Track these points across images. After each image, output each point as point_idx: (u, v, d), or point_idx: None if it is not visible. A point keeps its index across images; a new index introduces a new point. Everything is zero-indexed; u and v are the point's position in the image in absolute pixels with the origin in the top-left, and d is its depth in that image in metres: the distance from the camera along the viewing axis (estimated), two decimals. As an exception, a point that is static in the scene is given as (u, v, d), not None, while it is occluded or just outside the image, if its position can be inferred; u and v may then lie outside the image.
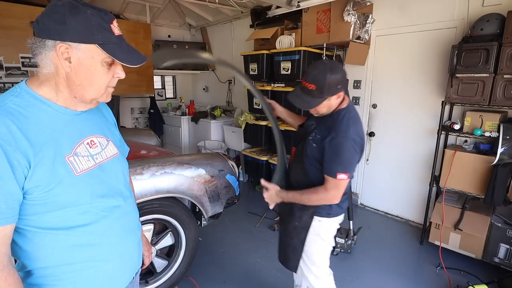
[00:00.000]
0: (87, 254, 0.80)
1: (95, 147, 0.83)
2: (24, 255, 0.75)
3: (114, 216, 0.84)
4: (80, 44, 0.70)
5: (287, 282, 2.19)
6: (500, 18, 2.18)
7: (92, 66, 0.73)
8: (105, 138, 0.88)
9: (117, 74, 0.79)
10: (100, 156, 0.83)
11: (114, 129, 0.99)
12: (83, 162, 0.77)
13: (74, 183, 0.74)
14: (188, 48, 5.18)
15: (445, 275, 2.30)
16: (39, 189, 0.69)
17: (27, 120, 0.69)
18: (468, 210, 2.43)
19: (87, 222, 0.78)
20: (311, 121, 1.45)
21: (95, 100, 0.80)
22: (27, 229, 0.73)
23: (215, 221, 2.21)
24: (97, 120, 0.89)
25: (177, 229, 1.97)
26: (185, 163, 1.94)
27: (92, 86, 0.75)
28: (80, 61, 0.71)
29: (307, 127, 1.45)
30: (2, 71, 3.53)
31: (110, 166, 0.86)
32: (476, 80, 2.26)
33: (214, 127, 4.60)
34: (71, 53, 0.70)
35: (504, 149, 2.14)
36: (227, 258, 2.51)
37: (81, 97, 0.77)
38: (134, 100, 5.29)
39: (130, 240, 0.92)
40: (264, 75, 3.66)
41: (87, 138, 0.81)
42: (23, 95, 0.72)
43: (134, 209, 0.97)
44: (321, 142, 1.30)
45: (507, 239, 2.23)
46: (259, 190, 4.04)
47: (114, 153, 0.90)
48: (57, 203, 0.72)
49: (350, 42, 2.95)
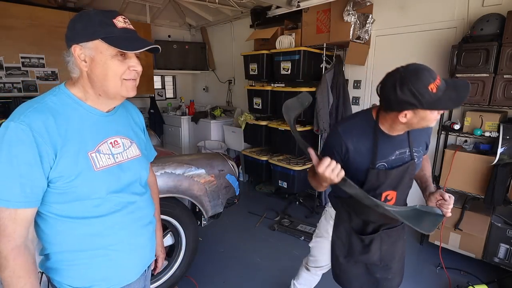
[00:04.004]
0: (99, 243, 0.86)
1: (117, 147, 0.89)
2: (45, 238, 0.83)
3: (126, 210, 0.90)
4: (87, 43, 0.77)
5: (287, 282, 2.20)
6: (500, 18, 2.18)
7: (102, 61, 0.78)
8: (129, 140, 0.94)
9: (133, 67, 0.82)
10: (121, 155, 0.90)
11: (141, 133, 1.05)
12: (103, 159, 0.84)
13: (93, 177, 0.81)
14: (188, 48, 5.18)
15: (445, 275, 2.30)
16: (62, 179, 0.77)
17: (60, 116, 0.78)
18: (468, 210, 2.43)
19: (100, 214, 0.84)
20: (397, 152, 1.17)
21: (119, 94, 0.84)
22: (49, 215, 0.81)
23: (215, 221, 2.21)
24: (124, 123, 0.96)
25: (177, 229, 1.97)
26: (185, 163, 1.94)
27: (106, 80, 0.80)
28: (92, 59, 0.78)
29: (399, 161, 1.17)
30: (2, 71, 3.52)
31: (129, 165, 0.91)
32: (476, 80, 2.26)
33: (214, 127, 4.60)
34: (84, 53, 0.78)
35: (504, 149, 2.14)
36: (227, 258, 2.51)
37: (104, 93, 0.83)
38: (134, 100, 5.27)
39: (142, 234, 0.97)
40: (264, 75, 3.66)
41: (111, 138, 0.88)
42: (60, 94, 0.82)
43: (149, 205, 1.01)
44: (424, 147, 1.27)
45: (507, 239, 2.23)
46: (259, 190, 4.05)
47: (136, 154, 0.95)
48: (75, 194, 0.80)
49: (350, 42, 2.95)
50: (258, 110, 3.84)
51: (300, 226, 3.03)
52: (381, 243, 1.28)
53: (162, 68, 5.05)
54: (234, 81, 4.95)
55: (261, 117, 3.90)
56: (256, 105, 3.83)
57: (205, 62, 5.38)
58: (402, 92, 0.97)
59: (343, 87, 3.18)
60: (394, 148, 1.15)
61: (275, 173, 3.52)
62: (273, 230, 2.97)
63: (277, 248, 2.69)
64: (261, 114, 3.90)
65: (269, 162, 3.61)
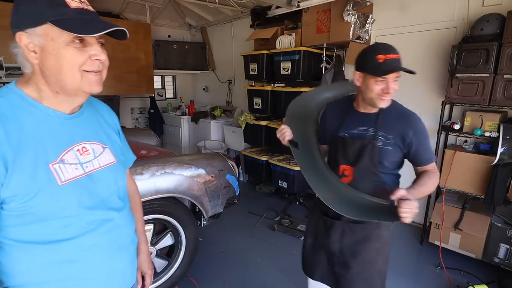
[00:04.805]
0: (68, 272, 0.72)
1: (86, 154, 0.75)
2: (1, 269, 0.69)
3: (102, 230, 0.76)
4: (35, 29, 0.63)
5: (287, 282, 2.20)
6: (500, 18, 2.18)
7: (55, 50, 0.64)
8: (101, 145, 0.80)
9: (95, 56, 0.68)
10: (92, 164, 0.75)
11: (116, 137, 0.90)
12: (69, 171, 0.70)
13: (57, 193, 0.67)
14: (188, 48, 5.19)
15: (445, 275, 2.29)
16: (17, 198, 0.63)
17: (10, 122, 0.64)
18: (468, 210, 2.43)
19: (70, 236, 0.70)
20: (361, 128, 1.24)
21: (80, 90, 0.70)
22: (4, 241, 0.67)
23: (215, 221, 2.21)
24: (94, 125, 0.81)
25: (177, 229, 1.97)
26: (185, 163, 1.94)
27: (62, 73, 0.65)
28: (42, 48, 0.64)
29: (360, 137, 1.23)
30: (2, 71, 3.52)
31: (102, 175, 0.77)
32: (476, 80, 2.26)
33: (214, 127, 4.60)
34: (33, 42, 0.64)
35: (504, 149, 2.14)
36: (227, 258, 2.51)
37: (61, 90, 0.69)
38: (134, 100, 5.29)
39: (120, 256, 0.83)
40: (264, 75, 3.66)
41: (79, 144, 0.74)
42: (9, 95, 0.68)
43: (128, 222, 0.87)
44: (399, 140, 1.18)
45: (507, 239, 2.23)
46: (259, 190, 4.04)
47: (110, 161, 0.81)
48: (37, 215, 0.66)
49: (350, 42, 2.95)
50: (258, 110, 3.84)
51: (300, 226, 3.03)
52: (342, 234, 1.29)
53: (162, 68, 5.04)
54: (234, 81, 4.95)
55: (261, 117, 3.90)
56: (256, 105, 3.83)
57: (205, 62, 5.38)
58: (359, 55, 1.20)
59: (343, 87, 3.18)
60: (359, 124, 1.24)
61: (275, 173, 3.52)
62: (273, 230, 2.97)
63: (277, 248, 2.69)
64: (261, 114, 3.90)
65: (269, 162, 3.61)
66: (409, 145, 1.17)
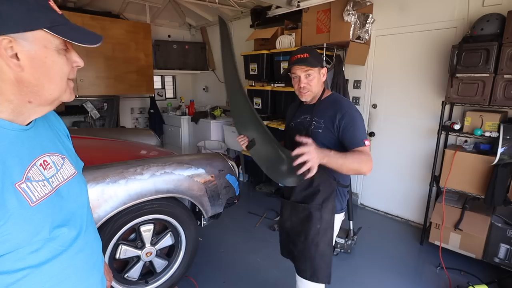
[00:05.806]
0: None
1: (49, 168, 0.66)
2: None
3: (75, 249, 0.68)
4: (25, 34, 0.55)
5: (287, 282, 2.19)
6: (500, 18, 2.18)
7: (48, 58, 0.58)
8: (60, 155, 0.72)
9: (76, 63, 0.64)
10: (56, 178, 0.67)
11: (68, 143, 0.82)
12: (38, 189, 0.61)
13: (30, 216, 0.58)
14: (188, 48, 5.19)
15: (445, 275, 2.29)
16: None
17: None
18: (468, 210, 2.43)
19: (40, 262, 0.61)
20: (302, 117, 1.45)
21: (58, 100, 0.64)
22: None
23: (215, 221, 2.21)
24: (49, 135, 0.72)
25: (177, 229, 1.97)
26: (185, 163, 1.94)
27: (52, 82, 0.60)
28: (31, 55, 0.56)
29: (300, 124, 1.44)
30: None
31: (68, 189, 0.70)
32: (476, 80, 2.26)
33: (214, 127, 4.60)
34: (16, 47, 0.55)
35: (504, 149, 2.14)
36: (227, 258, 2.51)
37: (38, 100, 0.61)
38: (134, 100, 5.29)
39: (93, 276, 0.76)
40: (264, 75, 3.66)
41: (39, 158, 0.65)
42: None
43: (97, 238, 0.81)
44: (329, 123, 1.33)
45: (507, 239, 2.23)
46: (259, 190, 4.04)
47: (72, 173, 0.74)
48: (9, 243, 0.56)
49: (350, 42, 2.95)
50: (258, 110, 3.84)
51: (300, 226, 3.03)
52: (291, 213, 1.47)
53: (162, 68, 5.05)
54: (234, 81, 4.94)
55: (261, 117, 3.89)
56: (256, 105, 3.83)
57: (205, 62, 5.38)
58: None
59: (343, 87, 3.17)
60: (301, 114, 1.46)
61: (275, 173, 3.51)
62: (273, 230, 2.96)
63: (277, 248, 2.68)
64: (261, 114, 3.90)
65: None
66: (338, 127, 1.31)
